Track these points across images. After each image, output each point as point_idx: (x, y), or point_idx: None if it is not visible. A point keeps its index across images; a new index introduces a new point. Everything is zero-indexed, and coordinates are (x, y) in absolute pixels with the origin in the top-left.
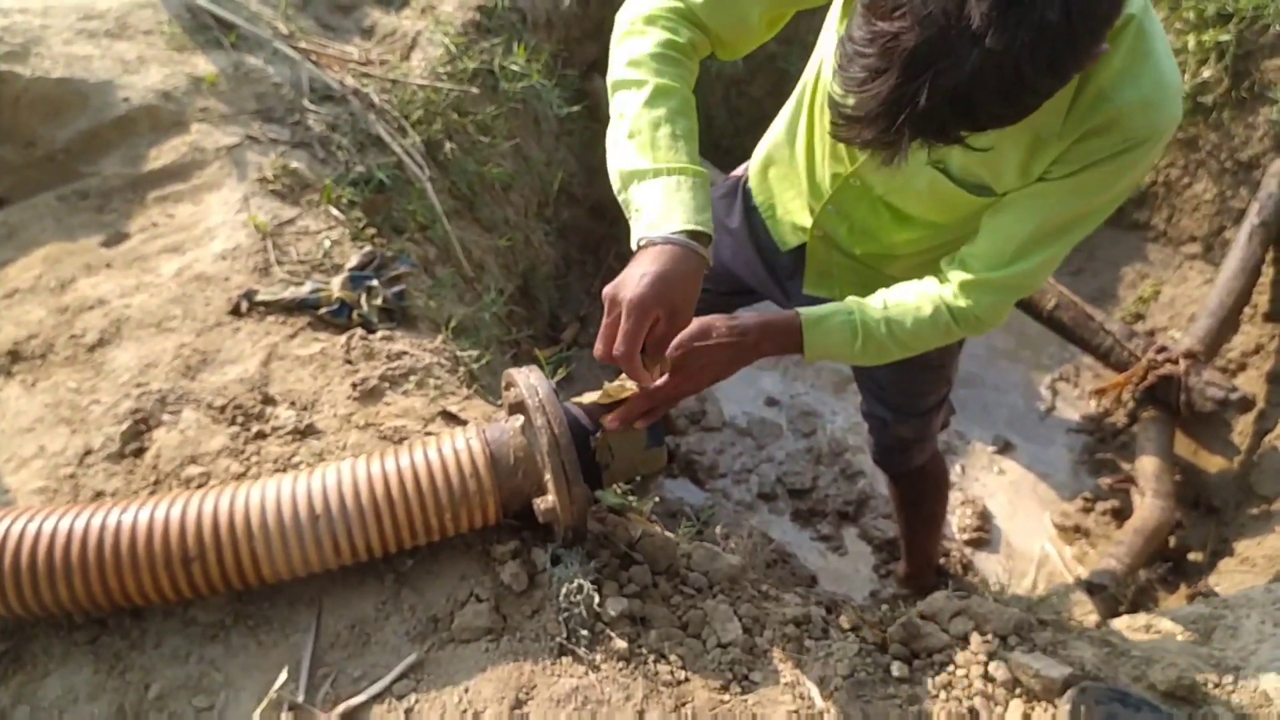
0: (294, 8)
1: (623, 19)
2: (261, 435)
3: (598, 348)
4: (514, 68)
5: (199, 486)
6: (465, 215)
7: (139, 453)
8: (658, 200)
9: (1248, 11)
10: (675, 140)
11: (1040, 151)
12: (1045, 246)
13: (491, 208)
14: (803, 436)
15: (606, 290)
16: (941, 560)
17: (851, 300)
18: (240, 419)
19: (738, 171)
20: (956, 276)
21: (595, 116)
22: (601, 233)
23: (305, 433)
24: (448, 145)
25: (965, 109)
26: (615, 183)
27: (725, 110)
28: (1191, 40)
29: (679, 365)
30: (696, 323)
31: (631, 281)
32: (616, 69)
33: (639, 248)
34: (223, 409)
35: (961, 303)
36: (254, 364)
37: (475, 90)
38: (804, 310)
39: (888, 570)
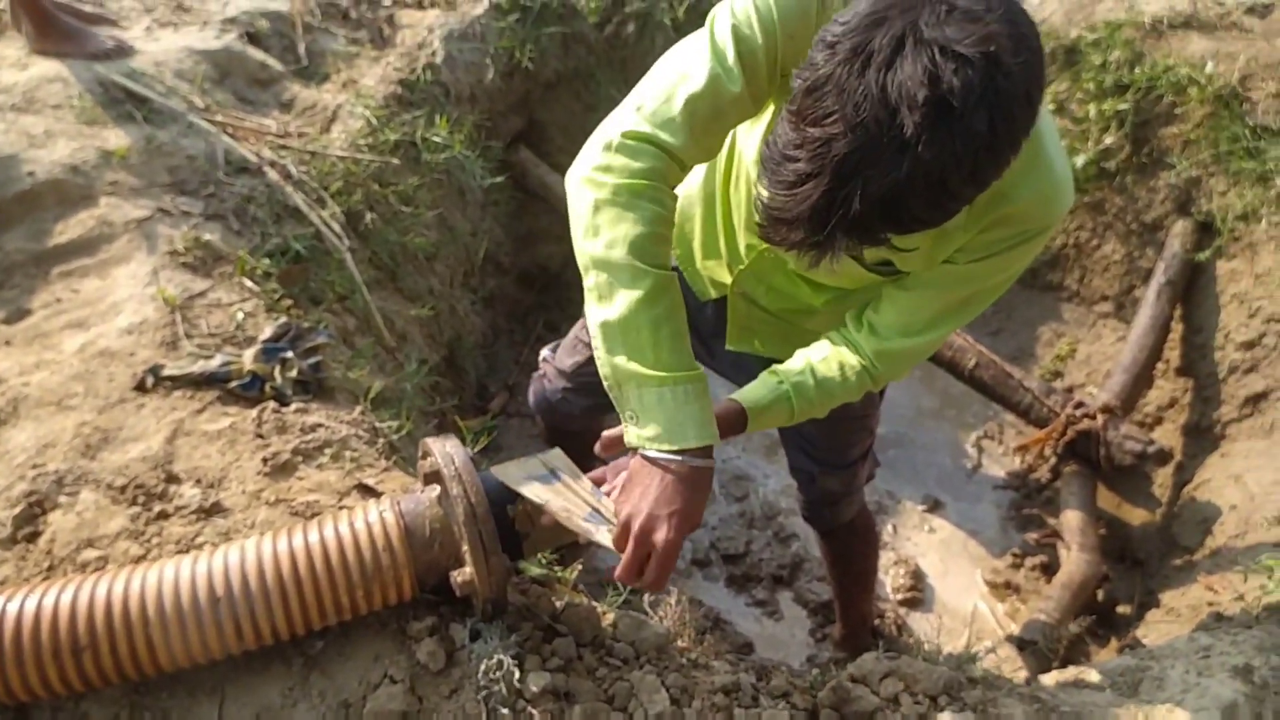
0: (210, 81)
1: (597, 173)
2: (164, 515)
3: (622, 575)
4: (436, 139)
5: (95, 571)
6: (387, 285)
7: (32, 537)
8: (667, 412)
9: (1143, 82)
10: (677, 342)
11: (945, 241)
12: (949, 319)
13: (415, 278)
14: (735, 501)
15: (628, 516)
16: (876, 621)
17: (783, 376)
18: (141, 499)
19: None
20: (870, 344)
21: (521, 187)
22: (530, 301)
23: (211, 511)
24: (369, 216)
25: (893, 214)
26: (604, 371)
27: None
28: (1093, 109)
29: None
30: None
31: (661, 521)
32: (599, 247)
33: (648, 459)
34: (123, 489)
35: (878, 367)
36: (158, 441)
37: (397, 161)
38: (747, 402)
39: (824, 634)
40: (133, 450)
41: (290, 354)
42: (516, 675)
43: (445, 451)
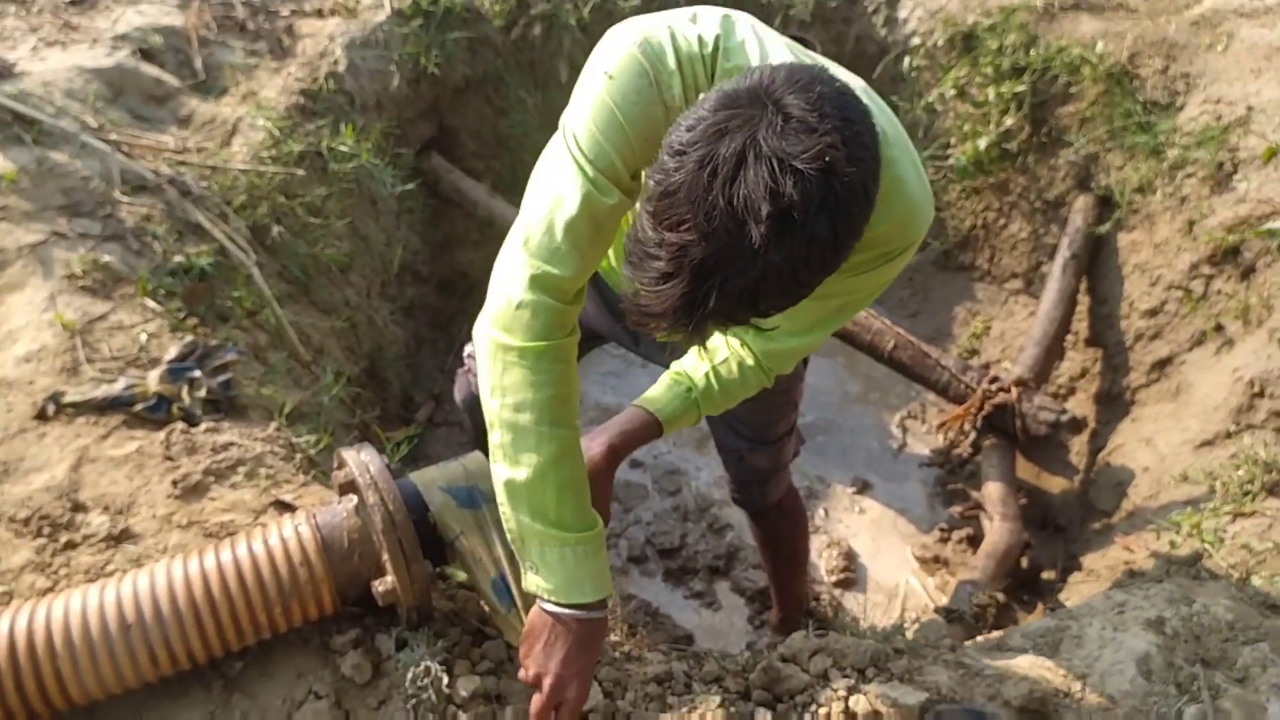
0: (103, 100)
1: (502, 334)
2: (71, 545)
3: (533, 709)
4: (343, 148)
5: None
6: (300, 299)
7: None
8: (567, 569)
9: (1038, 64)
10: (580, 503)
11: None
12: (828, 323)
13: (329, 289)
14: (668, 495)
15: (537, 674)
16: (812, 603)
17: (690, 384)
18: (47, 530)
19: None
20: (759, 344)
21: (435, 193)
22: (452, 309)
23: (120, 538)
24: (275, 229)
25: (750, 304)
26: (509, 525)
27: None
28: (992, 92)
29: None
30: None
31: (569, 680)
32: (506, 410)
33: (548, 613)
34: (26, 521)
35: (769, 364)
36: (62, 470)
37: (302, 172)
38: (661, 415)
39: (762, 620)
40: (35, 481)
41: (198, 373)
42: (445, 681)
43: (360, 460)
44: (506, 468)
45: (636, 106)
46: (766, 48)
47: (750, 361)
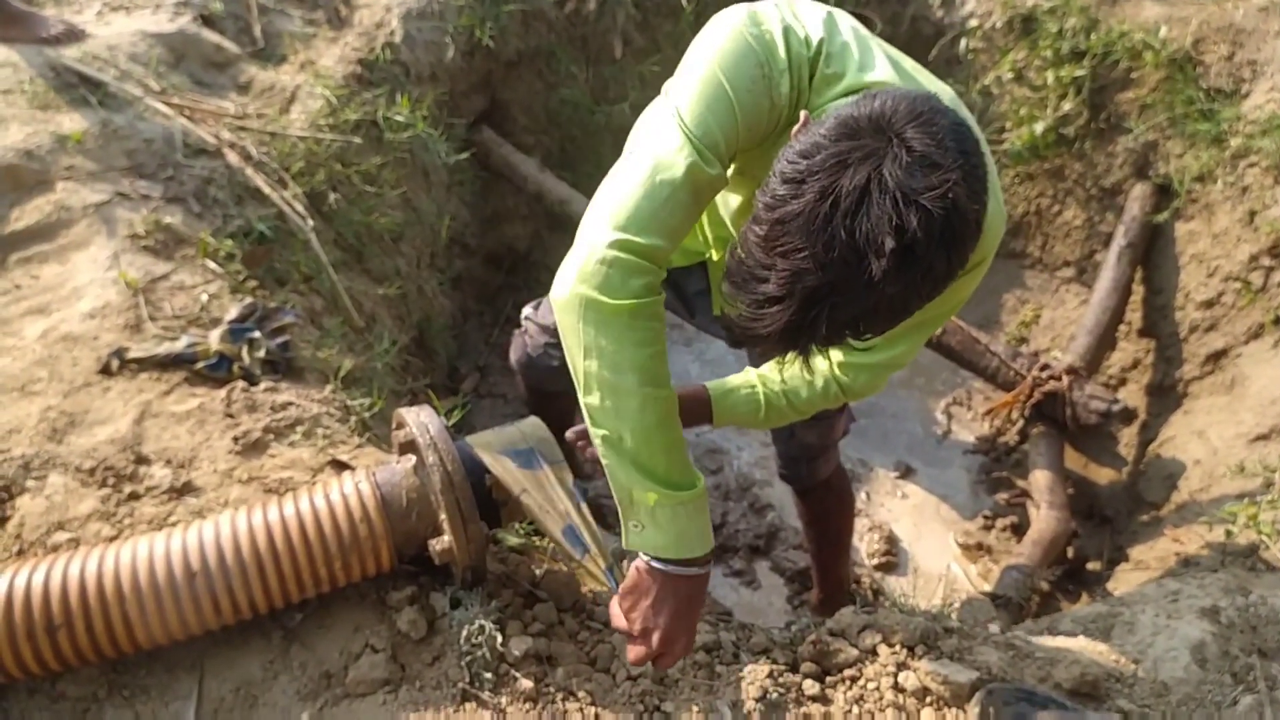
0: (166, 65)
1: (592, 293)
2: (135, 496)
3: (637, 662)
4: (398, 118)
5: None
6: (354, 266)
7: (1, 522)
8: (679, 526)
9: (1098, 49)
10: (684, 459)
11: None
12: (906, 338)
13: (381, 258)
14: (710, 474)
15: (645, 629)
16: (853, 585)
17: (754, 374)
18: (111, 481)
19: None
20: (836, 357)
21: (486, 166)
22: (498, 283)
23: (182, 491)
24: (332, 196)
25: (855, 330)
26: (616, 485)
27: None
28: (1051, 76)
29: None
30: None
31: (679, 634)
32: (604, 371)
33: (655, 569)
34: (92, 471)
35: (844, 378)
36: (125, 423)
37: (359, 141)
38: (713, 390)
39: (801, 600)
40: (100, 433)
41: (257, 334)
42: (499, 639)
43: (420, 421)
44: (610, 429)
45: (750, 95)
46: (867, 53)
47: (824, 369)
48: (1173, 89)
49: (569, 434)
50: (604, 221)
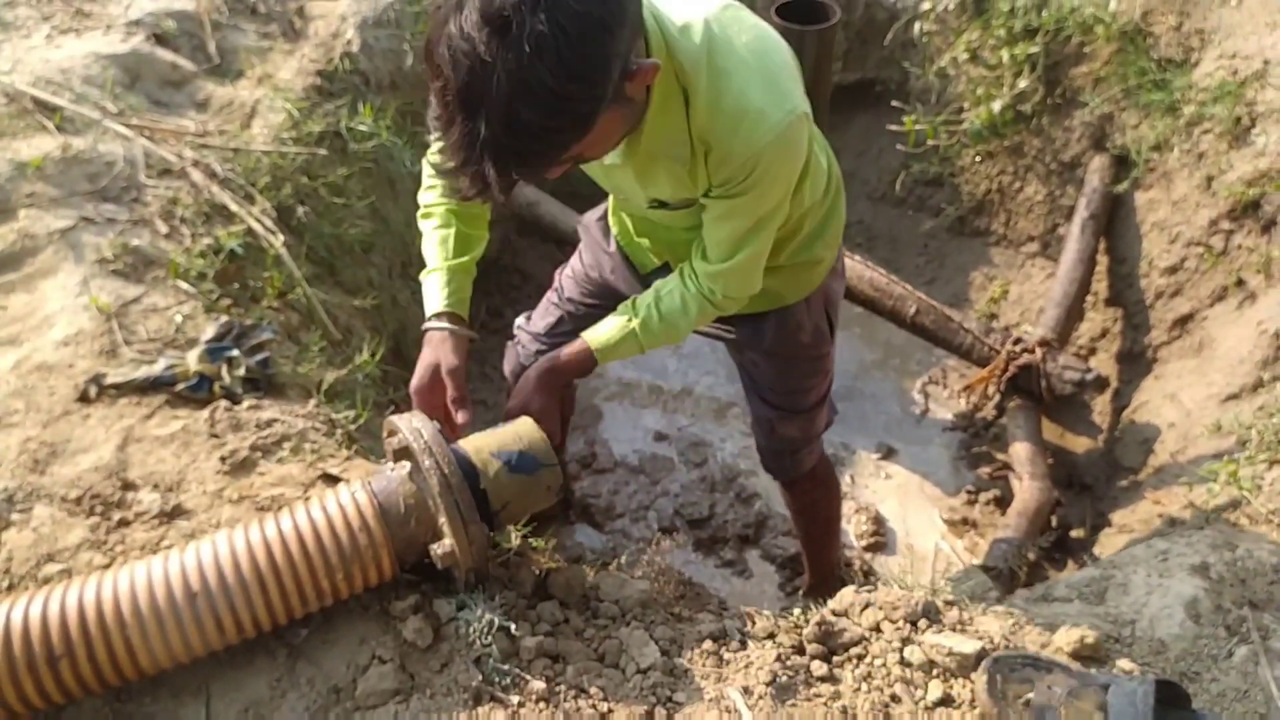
0: (122, 86)
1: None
2: (124, 523)
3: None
4: (361, 128)
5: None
6: (326, 279)
7: None
8: (426, 294)
9: (1050, 25)
10: (429, 249)
11: (694, 168)
12: (747, 242)
13: (353, 269)
14: (695, 467)
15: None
16: (844, 569)
17: (630, 309)
18: (99, 509)
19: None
20: (700, 269)
21: None
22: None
23: (173, 514)
24: (300, 209)
25: (523, 129)
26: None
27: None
28: (1005, 54)
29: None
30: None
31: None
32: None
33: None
34: (79, 500)
35: (710, 287)
36: (109, 450)
37: (324, 153)
38: (592, 340)
39: (793, 587)
40: (84, 461)
41: (236, 352)
42: (513, 627)
43: (413, 426)
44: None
45: None
46: None
47: (692, 290)
48: (1125, 61)
49: None
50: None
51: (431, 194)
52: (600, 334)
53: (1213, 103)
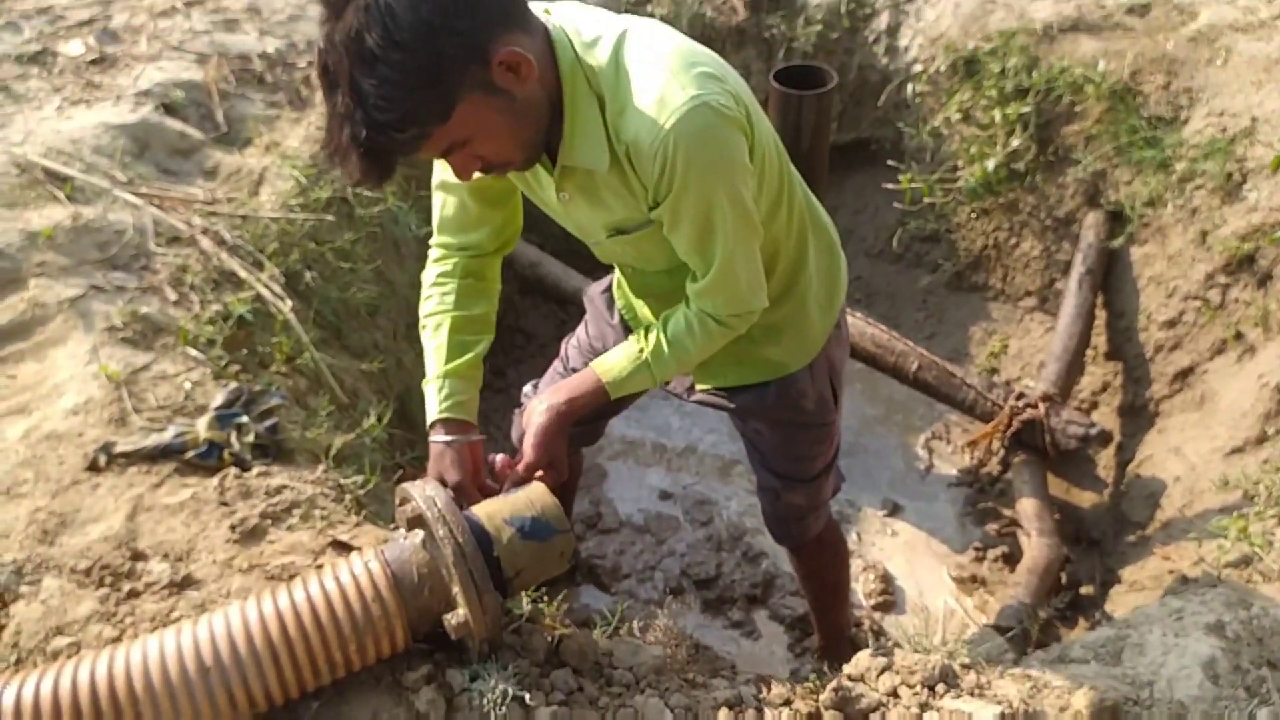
0: (131, 155)
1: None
2: (134, 594)
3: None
4: (367, 193)
5: (69, 659)
6: (333, 343)
7: None
8: (426, 405)
9: (1041, 85)
10: (428, 360)
11: (621, 179)
12: (713, 247)
13: (359, 333)
14: (700, 525)
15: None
16: (854, 629)
17: (640, 340)
18: (109, 579)
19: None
20: (691, 290)
21: None
22: None
23: (183, 584)
24: (308, 274)
25: (368, 101)
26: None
27: None
28: (997, 114)
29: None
30: (527, 412)
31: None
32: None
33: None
34: (88, 571)
35: (704, 306)
36: (118, 520)
37: (331, 218)
38: (603, 372)
39: (803, 648)
40: (93, 531)
41: (245, 419)
42: (528, 696)
43: (426, 495)
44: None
45: None
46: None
47: (693, 308)
48: (1116, 119)
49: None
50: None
51: (429, 303)
52: (611, 365)
53: (1204, 159)
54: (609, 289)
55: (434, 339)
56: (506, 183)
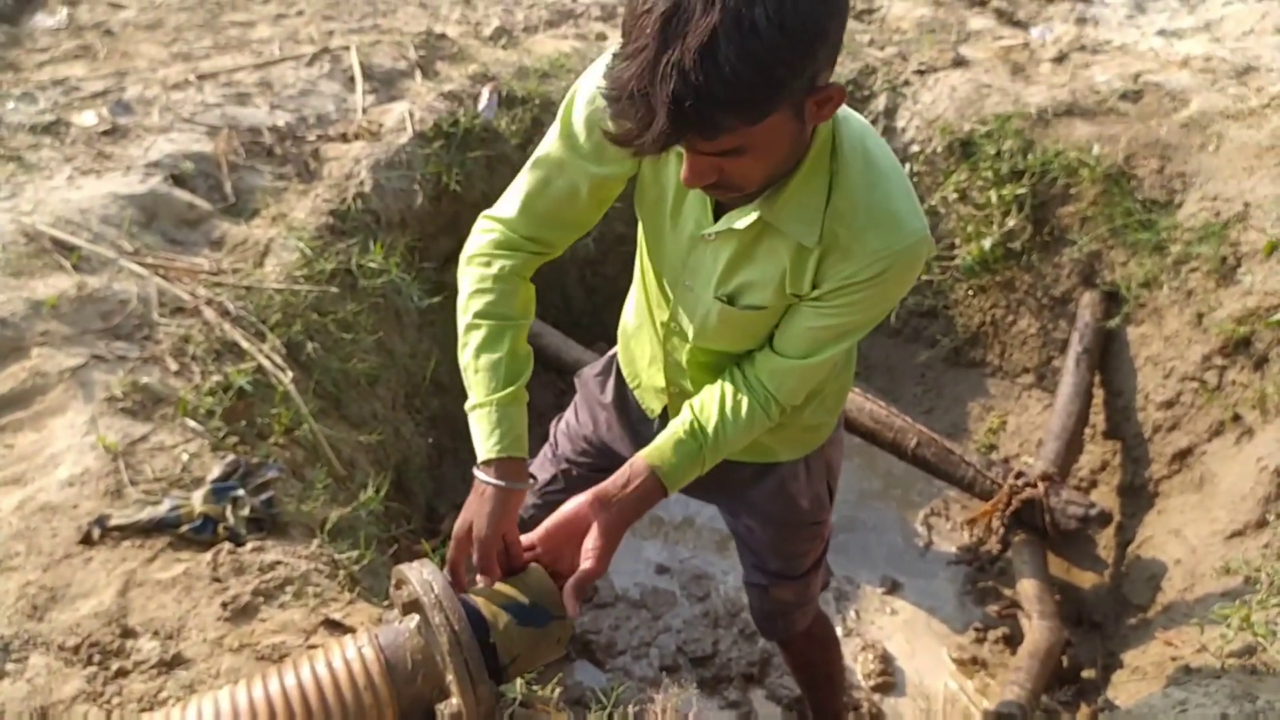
0: (138, 225)
1: (461, 258)
2: (123, 673)
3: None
4: (371, 265)
5: None
6: (332, 414)
7: None
8: (475, 432)
9: (1036, 167)
10: (478, 375)
11: (803, 262)
12: (828, 346)
13: (359, 403)
14: (697, 601)
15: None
16: (852, 712)
17: (691, 426)
18: (97, 658)
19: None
20: (767, 363)
21: (456, 306)
22: None
23: (172, 664)
24: (309, 345)
25: (715, 64)
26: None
27: (582, 289)
28: (994, 195)
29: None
30: (568, 511)
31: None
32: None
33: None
34: (76, 649)
35: (773, 386)
36: (109, 595)
37: (334, 289)
38: (658, 466)
39: None
40: (83, 607)
41: (241, 492)
42: None
43: (423, 579)
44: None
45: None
46: None
47: (760, 392)
48: (1110, 202)
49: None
50: None
51: (483, 298)
52: (668, 461)
53: (1198, 242)
54: (601, 372)
55: (491, 350)
56: (618, 188)
